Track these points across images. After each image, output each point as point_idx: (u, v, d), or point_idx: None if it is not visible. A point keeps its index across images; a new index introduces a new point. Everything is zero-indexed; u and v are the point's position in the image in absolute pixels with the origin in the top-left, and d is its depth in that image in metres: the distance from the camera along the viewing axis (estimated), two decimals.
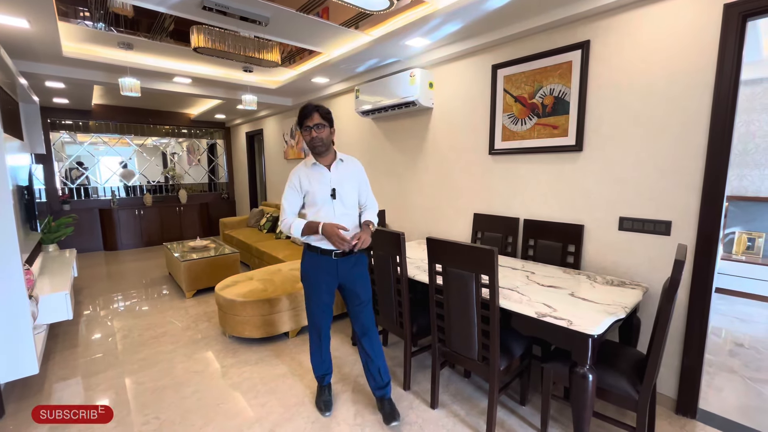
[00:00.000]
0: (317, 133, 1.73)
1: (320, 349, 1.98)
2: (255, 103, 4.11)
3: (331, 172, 1.82)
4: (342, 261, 1.84)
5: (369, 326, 1.93)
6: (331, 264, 1.83)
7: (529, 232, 2.53)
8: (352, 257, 1.86)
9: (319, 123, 1.72)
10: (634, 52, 2.00)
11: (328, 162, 1.83)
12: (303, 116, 1.73)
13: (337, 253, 1.82)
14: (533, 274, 2.11)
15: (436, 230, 3.28)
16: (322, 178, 1.81)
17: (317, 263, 1.83)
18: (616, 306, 1.59)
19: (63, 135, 5.95)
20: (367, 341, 1.93)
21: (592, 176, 2.22)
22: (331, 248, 1.80)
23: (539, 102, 2.43)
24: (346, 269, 1.86)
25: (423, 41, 2.79)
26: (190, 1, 2.31)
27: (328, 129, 1.77)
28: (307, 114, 1.72)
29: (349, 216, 1.86)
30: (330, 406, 2.00)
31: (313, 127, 1.72)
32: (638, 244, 2.05)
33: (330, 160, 1.84)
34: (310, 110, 1.72)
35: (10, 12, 2.27)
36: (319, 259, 1.83)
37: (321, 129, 1.74)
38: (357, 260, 1.89)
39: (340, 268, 1.84)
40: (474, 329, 1.76)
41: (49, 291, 2.50)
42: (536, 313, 1.56)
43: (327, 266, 1.83)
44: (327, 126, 1.76)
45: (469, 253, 1.69)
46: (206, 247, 4.30)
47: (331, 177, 1.81)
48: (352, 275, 1.87)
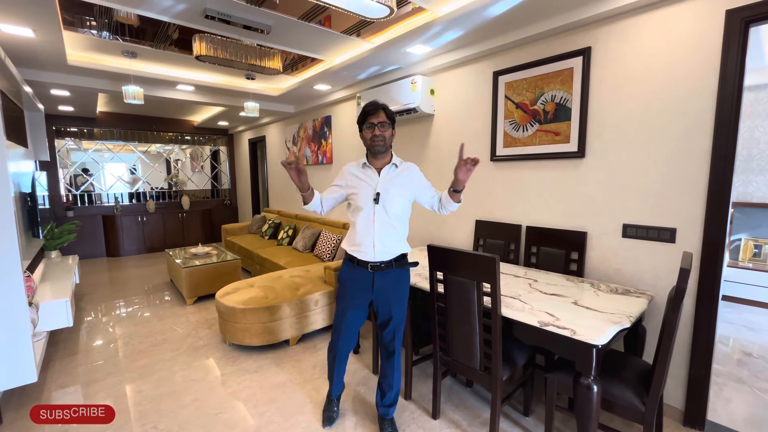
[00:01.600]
0: (381, 131, 1.63)
1: (333, 371, 1.90)
2: (257, 110, 4.13)
3: (380, 175, 1.70)
4: (379, 275, 1.68)
5: (396, 349, 1.81)
6: (366, 277, 1.69)
7: (531, 239, 2.51)
8: (391, 271, 1.69)
9: (384, 121, 1.64)
10: (635, 58, 1.99)
11: (380, 164, 1.71)
12: (367, 113, 1.64)
13: (374, 266, 1.67)
14: (536, 281, 2.08)
15: (437, 237, 3.26)
16: (370, 180, 1.70)
17: (353, 275, 1.72)
18: (620, 315, 1.56)
19: (68, 142, 6.00)
20: (389, 364, 1.82)
21: (594, 183, 2.20)
22: (367, 260, 1.67)
23: (541, 108, 2.42)
24: (384, 285, 1.70)
25: (424, 48, 2.80)
26: (193, 9, 2.33)
27: (391, 129, 1.67)
28: (373, 111, 1.63)
29: (392, 227, 1.68)
30: (332, 422, 1.93)
31: (377, 125, 1.63)
32: (642, 251, 2.02)
33: (384, 163, 1.72)
34: (377, 107, 1.63)
35: (16, 22, 2.30)
36: (355, 271, 1.71)
37: (385, 128, 1.64)
38: (397, 275, 1.71)
39: (376, 283, 1.69)
40: (476, 338, 1.73)
41: (50, 298, 2.50)
42: (539, 322, 1.54)
43: (362, 279, 1.69)
44: (390, 126, 1.67)
45: (470, 260, 1.67)
46: (208, 254, 4.30)
47: (379, 180, 1.69)
48: (389, 292, 1.71)
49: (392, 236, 1.68)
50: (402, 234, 1.73)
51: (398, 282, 1.73)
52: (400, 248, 1.71)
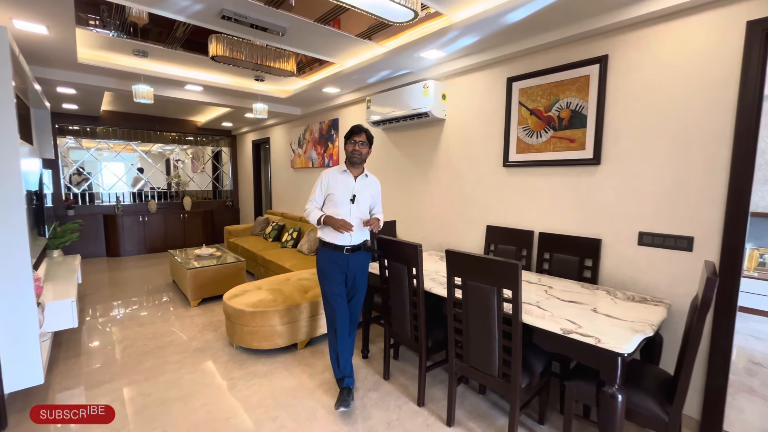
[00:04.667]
0: (360, 147, 2.14)
1: (335, 349, 2.18)
2: (266, 112, 4.12)
3: (356, 182, 2.20)
4: (352, 256, 2.18)
5: (357, 315, 2.30)
6: (343, 258, 2.16)
7: (544, 245, 2.50)
8: (359, 253, 2.21)
9: (363, 141, 2.15)
10: (654, 66, 2.00)
11: (356, 173, 2.21)
12: (353, 132, 2.15)
13: (348, 249, 2.16)
14: (551, 288, 2.08)
15: (448, 242, 3.25)
16: (348, 184, 2.18)
17: (331, 257, 2.16)
18: (642, 323, 1.55)
19: (69, 140, 5.96)
20: (351, 334, 2.24)
21: (610, 190, 2.20)
22: (344, 244, 2.14)
23: (555, 115, 2.43)
24: (355, 263, 2.20)
25: (438, 53, 2.81)
26: (210, 10, 2.33)
27: (368, 148, 2.19)
28: (357, 132, 2.14)
29: (360, 220, 2.20)
30: (347, 404, 2.04)
31: (358, 142, 2.13)
32: (659, 259, 2.02)
33: (358, 172, 2.22)
34: (361, 130, 2.15)
35: (30, 18, 2.28)
36: (333, 254, 2.16)
37: (363, 146, 2.15)
38: (363, 255, 2.25)
39: (350, 262, 2.18)
40: (495, 345, 1.72)
41: (55, 298, 2.46)
42: (561, 329, 1.53)
43: (339, 260, 2.16)
44: (368, 146, 2.18)
45: (491, 266, 1.66)
46: (212, 255, 4.26)
47: (355, 185, 2.19)
48: (359, 267, 2.23)
49: (361, 227, 2.19)
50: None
51: (363, 260, 2.26)
52: (364, 235, 2.26)
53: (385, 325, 2.39)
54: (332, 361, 2.20)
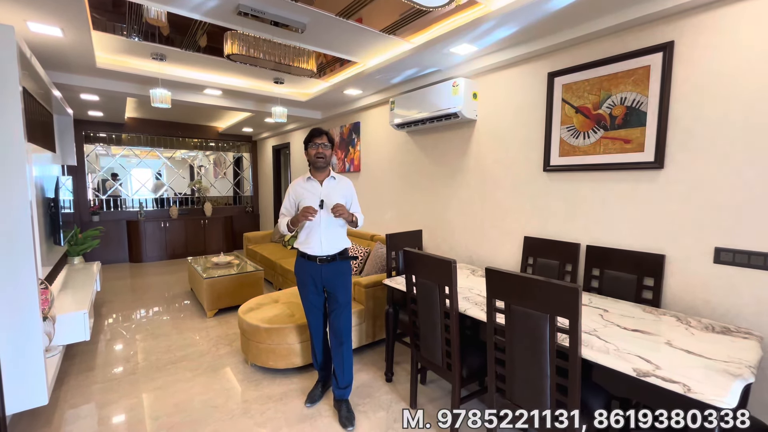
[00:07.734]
0: (323, 150, 2.07)
1: (312, 344, 2.24)
2: (285, 116, 3.99)
3: (322, 186, 2.11)
4: (326, 266, 2.09)
5: (344, 330, 2.11)
6: (315, 268, 2.08)
7: (592, 260, 2.21)
8: (334, 263, 2.10)
9: (325, 143, 2.08)
10: (731, 53, 1.69)
11: (321, 178, 2.13)
12: (314, 135, 2.08)
13: (321, 259, 2.07)
14: (607, 312, 1.78)
15: (479, 254, 2.98)
16: (314, 190, 2.11)
17: (304, 267, 2.12)
18: (738, 364, 1.26)
19: (97, 147, 6.05)
20: (338, 353, 2.11)
21: (676, 198, 1.89)
22: (316, 254, 2.07)
23: (606, 113, 2.14)
24: (330, 274, 2.09)
25: (469, 48, 2.57)
26: (225, 6, 2.18)
27: (331, 150, 2.12)
28: (318, 134, 2.08)
29: (335, 226, 2.11)
30: (314, 400, 2.19)
31: (320, 144, 2.06)
32: (741, 280, 1.70)
33: (324, 176, 2.14)
34: (321, 132, 2.09)
35: (44, 20, 2.20)
36: (306, 264, 2.11)
37: (326, 148, 2.08)
38: (339, 266, 2.12)
39: (324, 273, 2.08)
40: (546, 382, 1.45)
41: (69, 309, 2.36)
42: (634, 370, 1.24)
43: (312, 270, 2.09)
44: (330, 148, 2.11)
45: (543, 289, 1.39)
46: (230, 264, 4.14)
47: (322, 190, 2.10)
48: (335, 280, 2.10)
49: (335, 234, 2.10)
50: (342, 232, 2.16)
51: (341, 271, 2.13)
52: (342, 244, 2.14)
53: (413, 348, 2.14)
54: (314, 361, 2.30)
